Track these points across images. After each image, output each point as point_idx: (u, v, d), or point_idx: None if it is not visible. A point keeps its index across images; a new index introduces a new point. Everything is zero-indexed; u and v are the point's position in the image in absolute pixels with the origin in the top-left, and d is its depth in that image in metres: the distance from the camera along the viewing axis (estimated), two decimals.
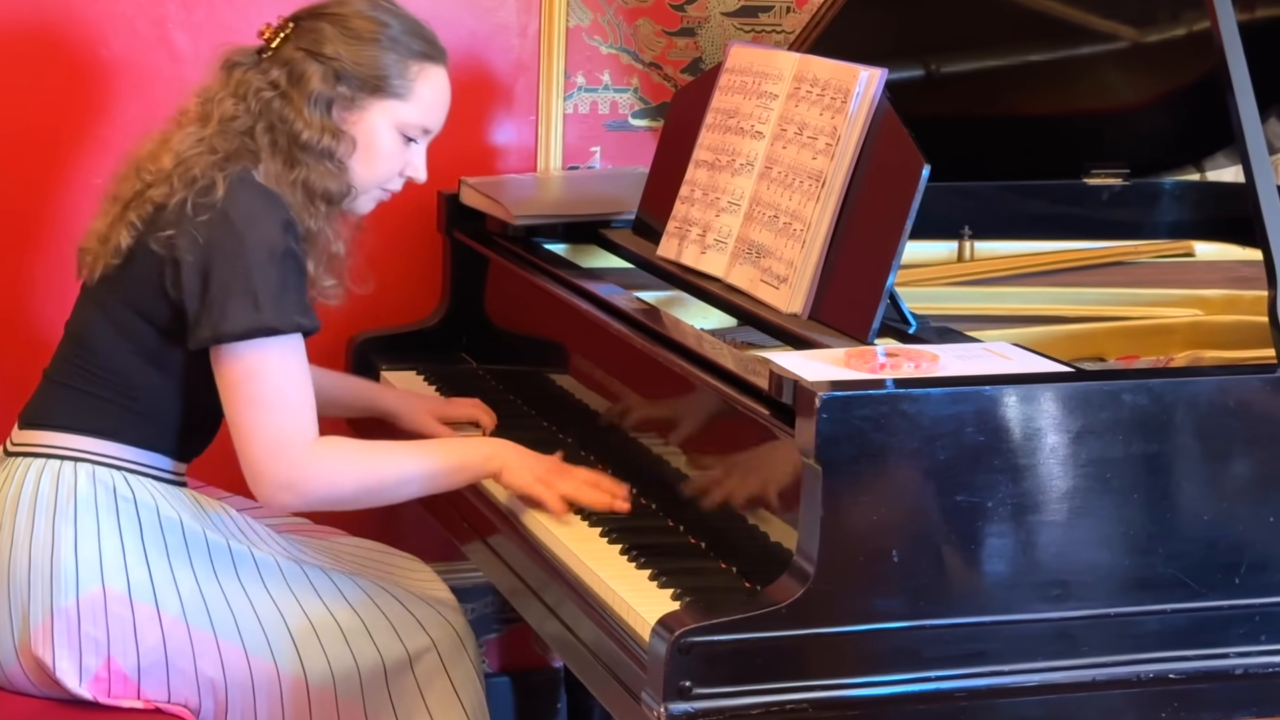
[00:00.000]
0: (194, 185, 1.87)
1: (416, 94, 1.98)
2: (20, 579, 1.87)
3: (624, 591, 1.72)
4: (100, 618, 1.87)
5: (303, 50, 1.94)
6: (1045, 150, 2.58)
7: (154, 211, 1.89)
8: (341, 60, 1.94)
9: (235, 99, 1.94)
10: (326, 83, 1.93)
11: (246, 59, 1.97)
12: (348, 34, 1.95)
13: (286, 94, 1.93)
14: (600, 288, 2.12)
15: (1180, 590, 1.68)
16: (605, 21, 2.66)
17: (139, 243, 1.89)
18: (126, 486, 1.91)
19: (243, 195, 1.87)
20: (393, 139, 1.98)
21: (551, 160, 2.66)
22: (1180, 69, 2.47)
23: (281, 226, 1.86)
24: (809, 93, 1.98)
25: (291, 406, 1.85)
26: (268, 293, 1.83)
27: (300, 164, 1.92)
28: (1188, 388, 1.69)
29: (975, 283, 2.35)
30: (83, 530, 1.87)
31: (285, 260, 1.85)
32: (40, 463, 1.91)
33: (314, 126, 1.92)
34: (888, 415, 1.60)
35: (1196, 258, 2.53)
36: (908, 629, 1.62)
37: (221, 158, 1.89)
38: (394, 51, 1.96)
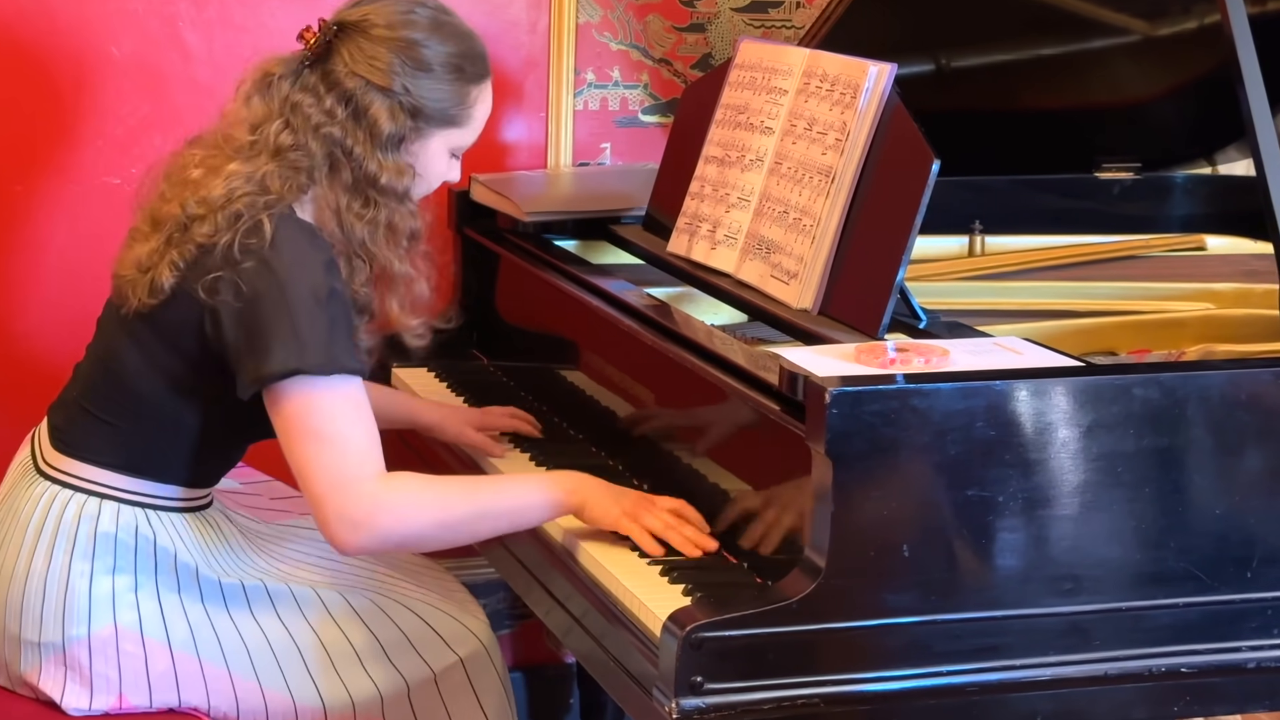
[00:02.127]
0: (238, 224, 1.79)
1: (474, 118, 1.92)
2: (33, 612, 1.86)
3: (635, 587, 1.72)
4: (111, 654, 1.86)
5: (360, 78, 1.84)
6: (1056, 144, 2.57)
7: (198, 253, 1.81)
8: (409, 95, 1.84)
9: (289, 130, 1.84)
10: (395, 120, 1.84)
11: (287, 70, 1.86)
12: (411, 63, 1.84)
13: (350, 129, 1.84)
14: (611, 284, 2.12)
15: (1192, 584, 1.68)
16: (615, 18, 2.66)
17: (180, 285, 1.82)
18: (149, 526, 1.88)
19: (285, 237, 1.79)
20: (446, 160, 1.93)
21: (562, 157, 2.67)
22: (1191, 62, 2.47)
23: (324, 268, 1.80)
24: (818, 88, 1.98)
25: (350, 443, 1.77)
26: (312, 335, 1.76)
27: (378, 205, 1.85)
28: (1199, 381, 1.69)
29: (986, 277, 2.35)
30: (98, 567, 1.86)
31: (329, 303, 1.79)
32: (67, 494, 1.88)
33: (391, 169, 1.85)
34: (898, 410, 1.60)
35: (1208, 251, 2.53)
36: (919, 624, 1.62)
37: (272, 198, 1.81)
38: (455, 80, 1.87)
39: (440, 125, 1.89)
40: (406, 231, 1.88)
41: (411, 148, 1.89)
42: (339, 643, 1.95)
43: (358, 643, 1.97)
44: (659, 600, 1.68)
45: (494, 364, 2.48)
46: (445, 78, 1.87)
